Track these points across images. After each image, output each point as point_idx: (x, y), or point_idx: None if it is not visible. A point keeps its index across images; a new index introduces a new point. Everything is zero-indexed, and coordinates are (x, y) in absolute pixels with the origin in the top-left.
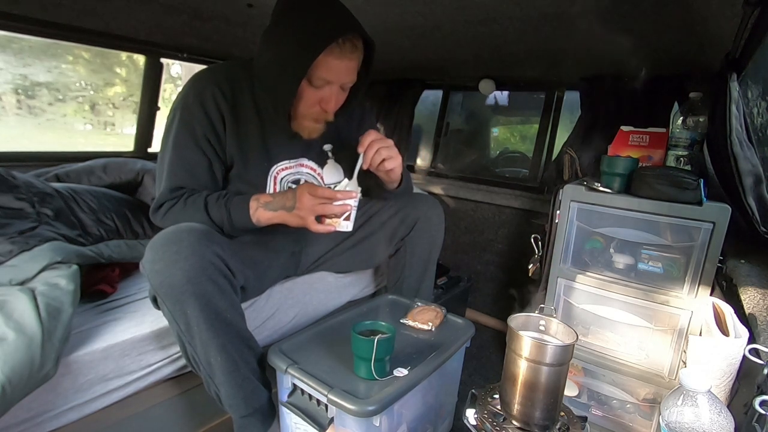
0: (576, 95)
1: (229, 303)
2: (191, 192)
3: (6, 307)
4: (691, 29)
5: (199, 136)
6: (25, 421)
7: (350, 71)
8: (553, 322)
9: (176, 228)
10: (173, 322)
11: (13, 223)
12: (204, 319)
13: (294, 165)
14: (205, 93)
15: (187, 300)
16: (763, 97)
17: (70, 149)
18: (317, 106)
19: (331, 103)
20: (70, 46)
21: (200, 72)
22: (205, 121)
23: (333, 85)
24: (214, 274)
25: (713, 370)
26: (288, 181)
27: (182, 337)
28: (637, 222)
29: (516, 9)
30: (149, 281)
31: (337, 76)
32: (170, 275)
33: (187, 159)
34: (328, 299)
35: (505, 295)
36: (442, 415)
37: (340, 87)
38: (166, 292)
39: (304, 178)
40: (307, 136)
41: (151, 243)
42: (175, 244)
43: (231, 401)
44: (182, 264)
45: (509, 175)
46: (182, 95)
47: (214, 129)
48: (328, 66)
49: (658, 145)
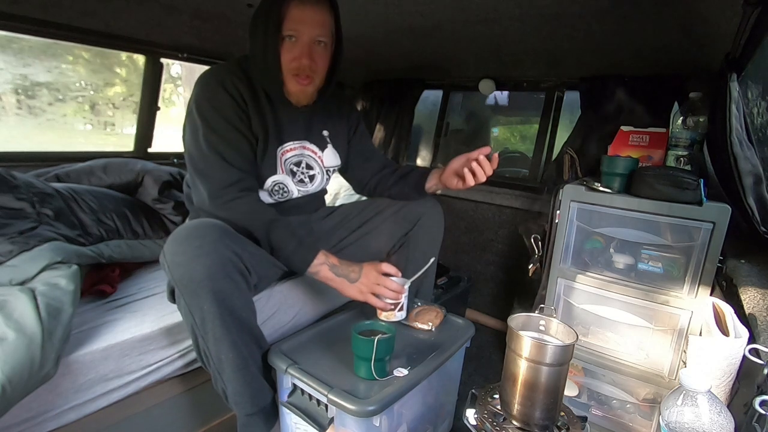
0: (576, 95)
1: (244, 301)
2: (251, 188)
3: (6, 307)
4: (691, 29)
5: (234, 118)
6: (25, 421)
7: (316, 22)
8: (553, 322)
9: (199, 222)
10: (189, 315)
11: (13, 223)
12: (219, 315)
13: (298, 147)
14: (225, 80)
15: (205, 295)
16: (763, 97)
17: (70, 149)
18: (295, 62)
19: (304, 57)
20: (70, 46)
21: (209, 69)
22: (234, 104)
23: (303, 36)
24: (232, 272)
25: (713, 370)
26: (292, 162)
27: (196, 331)
28: (637, 222)
29: (516, 9)
30: (169, 273)
31: (303, 26)
32: (191, 269)
33: (233, 140)
34: (328, 299)
35: (505, 295)
36: (442, 415)
37: (312, 41)
38: (186, 285)
39: (306, 160)
40: (296, 101)
41: (173, 235)
42: (198, 239)
43: (238, 398)
44: (204, 259)
45: (509, 175)
46: (201, 91)
47: (243, 109)
48: (293, 16)
49: (658, 145)
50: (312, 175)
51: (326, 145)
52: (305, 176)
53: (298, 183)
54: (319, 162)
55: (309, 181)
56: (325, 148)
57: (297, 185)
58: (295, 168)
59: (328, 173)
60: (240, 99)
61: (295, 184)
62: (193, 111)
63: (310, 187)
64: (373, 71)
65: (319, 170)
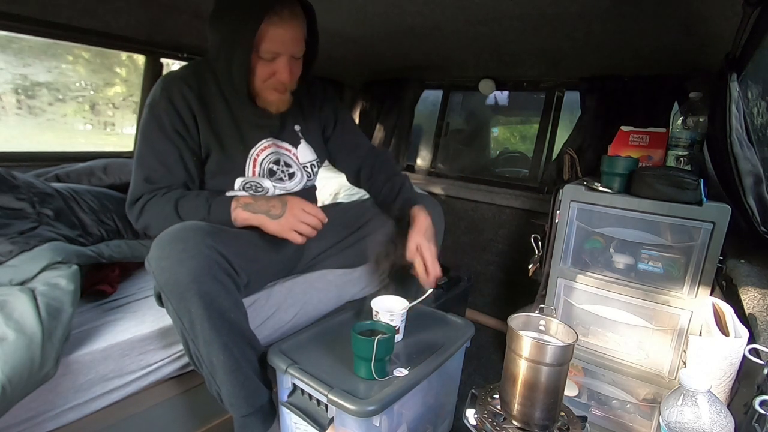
0: (576, 95)
1: (232, 302)
2: (168, 188)
3: (6, 307)
4: (691, 29)
5: (167, 127)
6: (25, 421)
7: (295, 40)
8: (553, 322)
9: (182, 226)
10: (177, 319)
11: (13, 224)
12: (208, 317)
13: (271, 144)
14: (171, 88)
15: (192, 298)
16: (763, 97)
17: (70, 149)
18: (273, 78)
19: (284, 74)
20: (70, 46)
21: (169, 72)
22: (173, 113)
23: (282, 56)
24: (219, 273)
25: (713, 370)
26: (270, 161)
27: (185, 334)
28: (637, 222)
29: (516, 9)
30: (155, 278)
31: (283, 46)
32: (176, 273)
33: (158, 150)
34: (328, 299)
35: (505, 295)
36: (442, 415)
37: (291, 57)
38: (171, 289)
39: (283, 158)
40: (276, 110)
41: (157, 240)
42: (182, 242)
43: (232, 400)
44: (188, 263)
45: (509, 175)
46: (151, 93)
47: (183, 120)
48: (272, 37)
49: (658, 145)
50: (291, 173)
51: (299, 141)
52: (284, 174)
53: (276, 181)
54: (294, 159)
55: (288, 178)
56: (298, 144)
57: (274, 182)
58: (274, 167)
59: (306, 170)
60: (185, 108)
61: (272, 182)
62: (141, 113)
63: (289, 184)
64: (373, 71)
65: (296, 167)
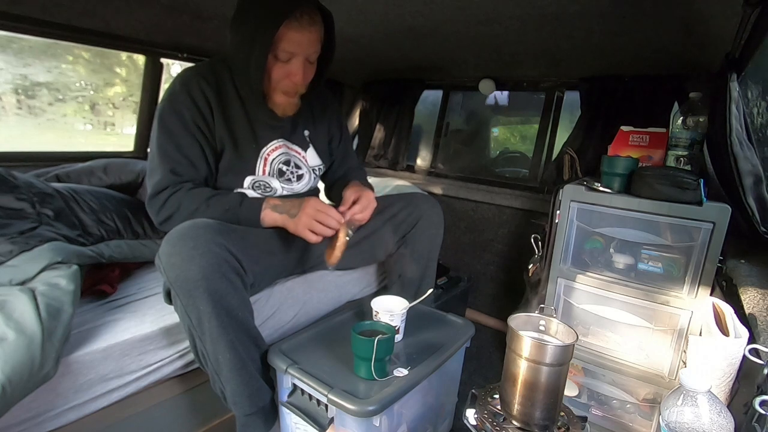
0: (576, 95)
1: (240, 301)
2: (192, 182)
3: (6, 307)
4: (691, 29)
5: (189, 122)
6: (25, 421)
7: (312, 42)
8: (553, 322)
9: (193, 223)
10: (185, 316)
11: (13, 224)
12: (215, 315)
13: (282, 145)
14: (190, 83)
15: (201, 296)
16: (763, 97)
17: (70, 149)
18: (287, 80)
19: (298, 75)
20: (70, 46)
21: (185, 68)
22: (193, 108)
23: (298, 57)
24: (228, 271)
25: (713, 370)
26: (280, 162)
27: (193, 331)
28: (637, 222)
29: (516, 9)
30: (165, 274)
31: (299, 48)
32: (186, 270)
33: (181, 144)
34: (328, 299)
35: (505, 295)
36: (442, 415)
37: (306, 60)
38: (180, 286)
39: (293, 160)
40: (282, 113)
41: (168, 236)
42: (192, 240)
43: (236, 398)
44: (198, 260)
45: (509, 175)
46: (169, 89)
47: (202, 115)
48: (290, 39)
49: (658, 145)
50: (300, 175)
51: (308, 145)
52: (293, 176)
53: (284, 181)
54: (304, 161)
55: (296, 180)
56: (307, 148)
57: (283, 183)
58: (284, 167)
59: (314, 172)
60: (204, 103)
61: (281, 182)
62: (157, 110)
63: (296, 185)
64: (373, 71)
65: (306, 170)
